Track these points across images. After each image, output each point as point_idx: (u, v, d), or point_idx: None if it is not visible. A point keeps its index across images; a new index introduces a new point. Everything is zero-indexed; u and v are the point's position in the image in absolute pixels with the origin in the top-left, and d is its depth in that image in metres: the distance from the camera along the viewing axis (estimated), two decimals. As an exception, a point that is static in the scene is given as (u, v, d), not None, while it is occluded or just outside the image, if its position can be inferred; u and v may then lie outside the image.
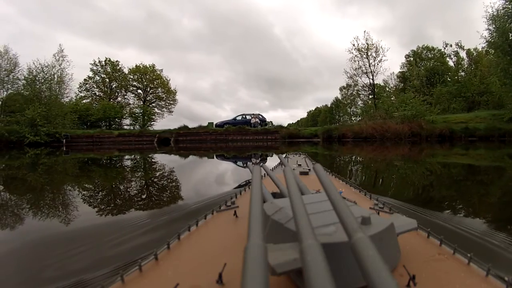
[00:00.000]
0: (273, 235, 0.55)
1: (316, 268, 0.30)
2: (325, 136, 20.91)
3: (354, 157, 7.16)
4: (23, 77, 22.13)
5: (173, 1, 71.57)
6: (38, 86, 21.59)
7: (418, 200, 2.21)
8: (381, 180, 3.36)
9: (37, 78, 21.69)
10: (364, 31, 35.66)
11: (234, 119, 26.20)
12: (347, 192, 1.22)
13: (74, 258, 1.14)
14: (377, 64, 29.97)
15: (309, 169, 1.78)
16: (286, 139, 21.52)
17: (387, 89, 31.87)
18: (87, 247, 1.23)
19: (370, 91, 30.75)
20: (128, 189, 2.93)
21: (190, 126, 24.57)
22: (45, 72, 22.05)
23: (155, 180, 3.55)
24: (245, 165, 5.12)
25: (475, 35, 28.16)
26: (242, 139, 22.70)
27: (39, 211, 2.00)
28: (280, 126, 24.75)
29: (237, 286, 0.47)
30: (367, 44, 29.69)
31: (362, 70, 30.36)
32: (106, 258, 1.13)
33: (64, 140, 20.52)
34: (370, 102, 30.24)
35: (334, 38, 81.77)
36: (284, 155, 3.92)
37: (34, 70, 21.78)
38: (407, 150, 9.42)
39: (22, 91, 22.04)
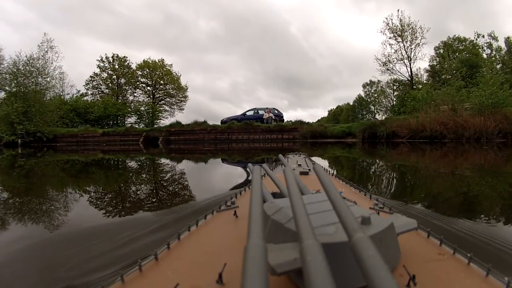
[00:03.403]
0: (273, 235, 0.55)
1: (316, 268, 0.30)
2: (365, 135, 15.32)
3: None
4: (4, 71, 19.83)
5: (189, 4, 71.85)
6: (20, 80, 19.41)
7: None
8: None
9: (20, 72, 19.51)
10: (398, 10, 30.18)
11: (244, 114, 20.85)
12: (347, 192, 1.23)
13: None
14: (415, 48, 24.67)
15: (309, 169, 1.78)
16: (308, 138, 16.69)
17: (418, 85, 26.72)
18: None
19: (407, 81, 25.53)
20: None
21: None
22: (30, 65, 19.96)
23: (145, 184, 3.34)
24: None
25: (498, 28, 25.63)
26: (249, 138, 18.11)
27: None
28: (300, 122, 18.79)
29: (237, 286, 0.47)
30: (401, 25, 24.60)
31: (397, 57, 25.04)
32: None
33: (20, 140, 17.99)
34: (406, 94, 24.39)
35: (352, 36, 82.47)
36: (283, 155, 3.86)
37: (19, 63, 19.66)
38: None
39: (5, 87, 19.84)
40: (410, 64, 25.09)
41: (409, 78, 25.58)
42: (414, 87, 24.66)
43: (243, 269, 0.30)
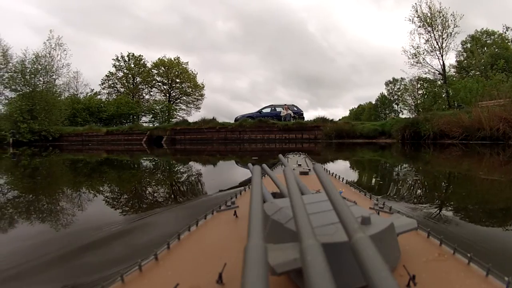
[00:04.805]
0: (273, 235, 0.55)
1: (316, 268, 0.31)
2: (406, 135, 12.45)
3: None
4: (11, 70, 19.62)
5: (205, 5, 73.08)
6: (27, 78, 19.21)
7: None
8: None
9: (26, 70, 19.29)
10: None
11: (260, 111, 18.66)
12: (347, 192, 1.23)
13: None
14: (447, 38, 21.54)
15: (309, 169, 1.78)
16: (333, 138, 14.50)
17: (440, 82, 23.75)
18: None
19: (439, 75, 22.39)
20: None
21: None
22: (38, 63, 19.77)
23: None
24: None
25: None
26: (263, 138, 16.14)
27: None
28: (323, 119, 16.52)
29: (237, 286, 0.47)
30: (431, 12, 21.46)
31: (427, 48, 21.92)
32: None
33: (11, 139, 17.41)
34: (437, 89, 22.40)
35: (371, 33, 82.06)
36: (284, 155, 3.76)
37: (26, 61, 19.53)
38: None
39: (12, 86, 19.56)
40: (442, 56, 21.99)
41: (441, 72, 22.58)
42: (448, 81, 22.01)
43: (243, 269, 0.30)
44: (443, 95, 22.15)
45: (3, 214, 1.92)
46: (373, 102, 37.36)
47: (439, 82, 23.41)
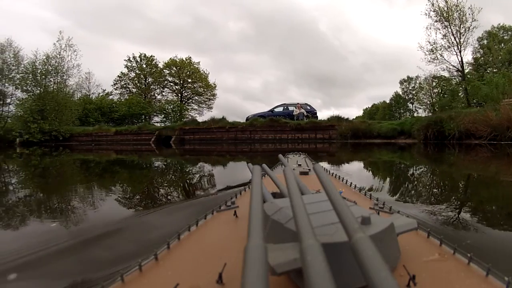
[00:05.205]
0: (273, 235, 0.55)
1: (316, 268, 0.31)
2: (429, 134, 11.46)
3: None
4: (23, 71, 19.91)
5: (216, 6, 73.32)
6: (38, 78, 19.46)
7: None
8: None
9: (37, 70, 19.58)
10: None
11: (272, 110, 18.02)
12: (347, 192, 1.23)
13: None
14: (465, 33, 20.39)
15: (309, 169, 1.78)
16: (349, 138, 13.75)
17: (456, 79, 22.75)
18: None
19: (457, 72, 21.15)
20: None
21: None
22: (49, 64, 20.05)
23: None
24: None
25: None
26: (275, 138, 15.45)
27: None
28: (338, 118, 15.68)
29: (237, 286, 0.47)
30: (447, 7, 20.38)
31: (444, 44, 20.78)
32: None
33: (18, 140, 17.72)
34: (455, 87, 21.57)
35: (383, 32, 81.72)
36: (284, 155, 3.66)
37: (37, 62, 19.83)
38: None
39: (23, 87, 19.82)
40: (460, 51, 20.79)
41: (459, 68, 21.35)
42: (467, 78, 20.90)
43: (243, 269, 0.31)
44: (460, 94, 21.29)
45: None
46: (387, 101, 36.83)
47: (455, 80, 22.54)
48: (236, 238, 0.70)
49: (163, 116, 28.50)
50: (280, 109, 18.04)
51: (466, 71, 22.02)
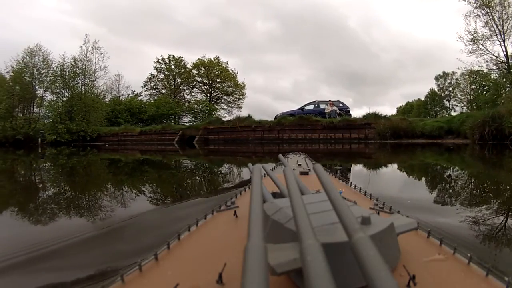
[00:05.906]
0: (273, 235, 0.55)
1: (316, 268, 0.31)
2: (486, 133, 9.72)
3: None
4: (52, 74, 20.63)
5: (244, 7, 73.04)
6: (66, 80, 20.14)
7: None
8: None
9: (65, 73, 20.26)
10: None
11: (302, 108, 16.61)
12: (347, 192, 1.22)
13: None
14: (508, 20, 18.12)
15: (309, 169, 1.78)
16: (388, 138, 12.25)
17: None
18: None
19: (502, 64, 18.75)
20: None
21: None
22: (77, 66, 20.67)
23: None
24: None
25: None
26: (305, 137, 14.10)
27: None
28: (375, 115, 13.96)
29: (237, 286, 0.47)
30: None
31: (485, 33, 18.62)
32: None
33: (40, 140, 18.41)
34: (500, 79, 18.71)
35: (414, 26, 79.60)
36: (284, 155, 3.50)
37: (65, 65, 20.55)
38: None
39: (54, 89, 20.60)
40: (503, 41, 18.49)
41: (504, 59, 18.95)
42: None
43: (243, 269, 0.31)
44: (507, 89, 17.96)
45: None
46: (422, 99, 35.16)
47: (497, 74, 20.07)
48: (236, 238, 0.70)
49: (191, 116, 28.49)
50: (311, 107, 16.67)
51: (512, 62, 19.66)
